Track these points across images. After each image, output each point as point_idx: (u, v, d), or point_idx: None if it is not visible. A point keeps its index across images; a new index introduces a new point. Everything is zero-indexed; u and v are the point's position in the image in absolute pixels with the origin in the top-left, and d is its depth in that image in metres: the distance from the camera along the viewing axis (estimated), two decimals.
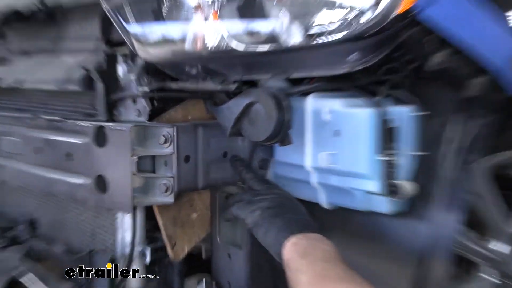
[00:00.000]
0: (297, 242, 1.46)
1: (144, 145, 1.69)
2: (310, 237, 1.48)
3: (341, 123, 1.60)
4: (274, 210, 1.57)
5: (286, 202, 1.62)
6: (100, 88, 1.78)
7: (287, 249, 1.46)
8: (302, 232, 1.49)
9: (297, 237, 1.47)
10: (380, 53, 1.43)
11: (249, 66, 1.63)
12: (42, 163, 1.99)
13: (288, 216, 1.55)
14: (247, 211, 1.61)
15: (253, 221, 1.58)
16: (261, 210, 1.58)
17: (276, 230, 1.51)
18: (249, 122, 1.62)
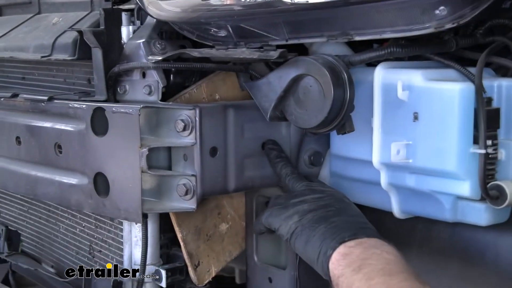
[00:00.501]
0: (349, 252, 1.45)
1: (156, 133, 1.69)
2: (365, 243, 1.47)
3: (422, 103, 1.58)
4: (316, 214, 1.57)
5: (333, 203, 1.62)
6: (97, 56, 1.78)
7: (335, 262, 1.45)
8: (354, 238, 1.48)
9: (348, 245, 1.47)
10: (480, 4, 1.40)
11: (297, 26, 1.61)
12: (23, 158, 2.01)
13: (335, 220, 1.55)
14: (281, 218, 1.61)
15: (289, 230, 1.58)
16: (299, 215, 1.59)
17: (320, 238, 1.51)
18: (296, 102, 1.61)
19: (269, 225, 1.66)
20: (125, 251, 1.91)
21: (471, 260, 1.72)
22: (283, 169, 1.76)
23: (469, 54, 1.68)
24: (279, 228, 1.62)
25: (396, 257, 1.43)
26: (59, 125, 1.88)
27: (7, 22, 2.29)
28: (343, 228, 1.52)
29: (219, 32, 1.71)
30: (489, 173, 1.55)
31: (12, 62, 2.23)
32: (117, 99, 1.82)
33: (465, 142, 1.54)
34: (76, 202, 1.86)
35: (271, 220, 1.65)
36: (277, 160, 1.77)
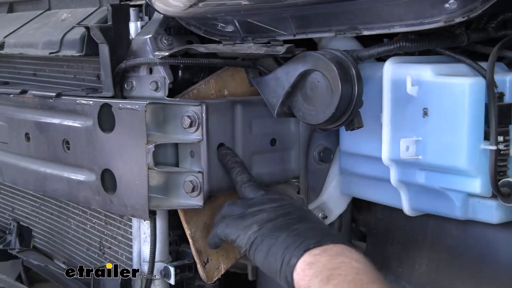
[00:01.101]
0: (314, 260, 1.38)
1: (163, 130, 1.68)
2: (331, 250, 1.40)
3: (431, 98, 1.56)
4: (276, 222, 1.51)
5: (293, 211, 1.56)
6: (104, 52, 1.77)
7: (300, 272, 1.38)
8: (319, 245, 1.41)
9: (313, 253, 1.39)
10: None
11: (305, 20, 1.60)
12: (32, 154, 2.01)
13: (297, 227, 1.48)
14: (239, 228, 1.55)
15: (248, 240, 1.51)
16: (258, 224, 1.52)
17: (282, 247, 1.44)
18: (303, 98, 1.59)
19: (226, 236, 1.59)
20: (134, 248, 1.90)
21: (483, 259, 1.70)
22: (238, 176, 1.68)
23: (481, 48, 1.65)
24: (236, 239, 1.55)
25: (365, 266, 1.36)
26: (67, 121, 1.87)
27: (17, 18, 2.29)
28: (307, 235, 1.45)
29: (226, 27, 1.70)
30: (501, 170, 1.53)
31: (23, 58, 2.23)
32: (124, 95, 1.81)
33: (476, 138, 1.52)
34: (84, 198, 1.85)
35: (228, 231, 1.58)
36: (232, 166, 1.69)
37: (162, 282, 1.87)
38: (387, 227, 1.90)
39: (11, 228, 2.36)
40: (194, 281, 1.90)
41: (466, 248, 1.73)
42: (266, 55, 1.60)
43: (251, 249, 1.52)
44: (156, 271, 1.85)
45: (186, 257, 1.89)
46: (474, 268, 1.71)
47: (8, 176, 2.17)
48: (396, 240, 1.87)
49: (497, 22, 1.61)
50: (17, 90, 2.03)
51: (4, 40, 2.16)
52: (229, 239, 1.59)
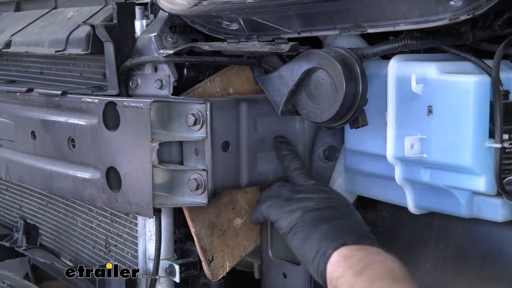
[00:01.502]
0: (351, 254, 1.40)
1: (167, 128, 1.68)
2: (368, 249, 1.42)
3: (436, 96, 1.55)
4: (320, 213, 1.53)
5: (339, 206, 1.58)
6: (109, 51, 1.76)
7: (334, 263, 1.39)
8: (357, 243, 1.43)
9: (351, 248, 1.41)
10: None
11: (309, 18, 1.59)
12: (38, 152, 2.01)
13: (339, 222, 1.50)
14: (283, 211, 1.57)
15: (289, 223, 1.53)
16: (302, 211, 1.54)
17: (321, 238, 1.46)
18: (308, 96, 1.58)
19: (269, 215, 1.61)
20: (140, 246, 1.90)
21: (488, 257, 1.69)
22: (292, 162, 1.72)
23: (486, 46, 1.64)
24: (278, 220, 1.57)
25: (400, 266, 1.38)
26: (72, 119, 1.87)
27: (24, 17, 2.29)
28: (347, 231, 1.48)
29: (231, 25, 1.70)
30: (506, 168, 1.52)
31: (30, 57, 2.23)
32: (129, 94, 1.81)
33: (481, 136, 1.51)
34: (89, 196, 1.85)
35: (272, 211, 1.60)
36: (286, 153, 1.74)
37: (167, 280, 1.87)
38: (392, 225, 1.89)
39: (18, 226, 2.36)
40: (199, 279, 1.89)
41: (472, 247, 1.72)
42: (270, 53, 1.59)
43: (290, 232, 1.54)
44: (161, 269, 1.85)
45: (191, 255, 1.88)
46: (479, 266, 1.70)
47: (15, 174, 2.17)
48: (401, 238, 1.86)
49: (503, 20, 1.60)
50: (23, 88, 2.03)
51: (11, 39, 2.16)
52: (271, 218, 1.61)
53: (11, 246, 2.34)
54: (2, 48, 2.17)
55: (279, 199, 1.61)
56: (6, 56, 2.35)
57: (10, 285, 2.09)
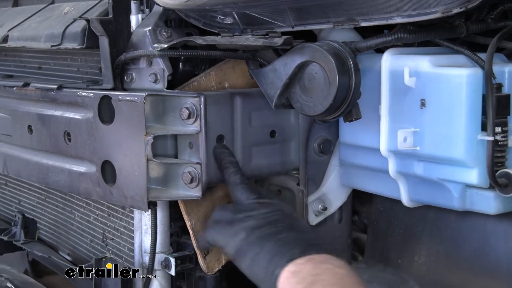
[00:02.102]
0: (298, 269, 1.37)
1: (162, 121, 1.68)
2: (315, 259, 1.39)
3: (429, 89, 1.55)
4: (263, 230, 1.49)
5: (281, 219, 1.54)
6: (104, 45, 1.76)
7: (284, 281, 1.37)
8: (304, 255, 1.40)
9: (297, 262, 1.39)
10: None
11: (303, 12, 1.59)
12: (34, 146, 2.01)
13: (283, 236, 1.47)
14: (227, 235, 1.54)
15: (234, 247, 1.51)
16: (245, 232, 1.51)
17: (267, 257, 1.43)
18: (301, 89, 1.58)
19: (215, 242, 1.59)
20: (136, 239, 1.89)
21: (482, 250, 1.69)
22: (232, 177, 1.66)
23: (480, 39, 1.64)
24: (225, 246, 1.54)
25: (349, 272, 1.36)
26: (68, 113, 1.87)
27: (22, 12, 2.29)
28: (292, 245, 1.44)
29: (225, 19, 1.69)
30: (498, 161, 1.53)
31: (29, 52, 2.23)
32: (124, 88, 1.80)
33: (473, 129, 1.51)
34: (85, 190, 1.85)
35: (217, 238, 1.58)
36: (226, 166, 1.68)
37: (163, 273, 1.86)
38: (387, 218, 1.89)
39: (16, 220, 2.37)
40: (194, 272, 1.89)
41: (465, 240, 1.72)
42: (264, 46, 1.59)
43: (237, 257, 1.51)
44: (157, 262, 1.85)
45: (187, 249, 1.88)
46: (473, 259, 1.70)
47: (12, 168, 2.17)
48: (396, 231, 1.86)
49: (497, 13, 1.60)
50: (20, 82, 2.02)
51: (8, 34, 2.16)
52: (218, 245, 1.59)
53: (9, 240, 2.34)
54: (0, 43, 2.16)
55: (222, 224, 1.58)
56: (5, 51, 2.35)
57: (8, 278, 2.09)
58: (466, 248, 1.72)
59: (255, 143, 1.76)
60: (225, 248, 1.55)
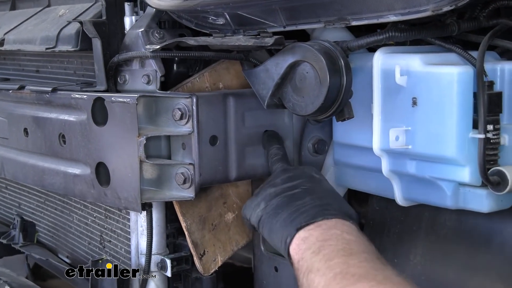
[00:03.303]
0: (308, 235, 1.41)
1: (155, 123, 1.68)
2: (324, 225, 1.42)
3: (420, 88, 1.54)
4: (280, 198, 1.52)
5: (300, 183, 1.56)
6: (97, 47, 1.77)
7: (295, 247, 1.41)
8: (313, 221, 1.43)
9: (307, 229, 1.42)
10: None
11: (294, 12, 1.59)
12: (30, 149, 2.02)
13: (298, 204, 1.49)
14: (251, 207, 1.57)
15: (257, 219, 1.54)
16: (265, 201, 1.54)
17: (282, 226, 1.47)
18: (293, 89, 1.58)
19: (245, 216, 1.61)
20: (132, 241, 1.90)
21: (477, 248, 1.68)
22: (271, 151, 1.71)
23: (472, 37, 1.63)
24: (250, 218, 1.57)
25: (357, 237, 1.39)
26: (63, 115, 1.88)
27: (19, 15, 2.30)
28: (304, 211, 1.47)
29: (217, 20, 1.69)
30: (490, 159, 1.51)
31: (26, 55, 2.24)
32: (118, 89, 1.81)
33: (465, 127, 1.50)
34: (79, 192, 1.86)
35: (245, 212, 1.60)
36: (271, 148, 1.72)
37: (159, 274, 1.87)
38: (383, 218, 1.88)
39: (15, 223, 2.37)
40: (191, 274, 1.90)
41: (460, 238, 1.71)
42: (255, 46, 1.59)
43: (259, 228, 1.55)
44: (153, 264, 1.85)
45: (183, 250, 1.88)
46: (468, 257, 1.69)
47: (9, 171, 2.17)
48: (391, 231, 1.86)
49: (489, 11, 1.59)
50: (16, 85, 2.03)
51: (4, 37, 2.17)
52: (247, 219, 1.60)
53: (8, 243, 2.35)
54: None
55: (250, 198, 1.61)
56: (2, 54, 2.36)
57: (6, 281, 2.10)
58: (461, 247, 1.71)
59: (249, 143, 1.76)
60: (250, 221, 1.58)
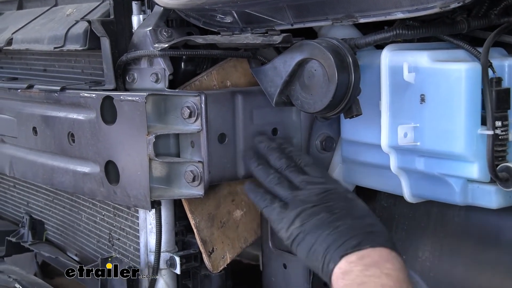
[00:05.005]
0: (349, 269, 1.36)
1: (164, 121, 1.69)
2: (367, 258, 1.37)
3: (428, 84, 1.54)
4: (319, 218, 1.45)
5: (337, 204, 1.49)
6: (105, 46, 1.77)
7: (335, 279, 1.36)
8: (357, 250, 1.37)
9: (349, 259, 1.36)
10: None
11: (302, 9, 1.59)
12: (39, 148, 2.02)
13: (339, 225, 1.43)
14: (282, 221, 1.50)
15: (291, 236, 1.47)
16: (300, 220, 1.47)
17: (323, 247, 1.41)
18: (301, 86, 1.58)
19: (269, 221, 1.55)
20: (141, 239, 1.90)
21: (486, 244, 1.69)
22: (277, 162, 1.62)
23: (480, 34, 1.63)
24: (279, 231, 1.51)
25: (396, 282, 1.33)
26: (71, 114, 1.88)
27: (26, 15, 2.30)
28: (347, 235, 1.41)
29: (225, 18, 1.69)
30: (499, 155, 1.52)
31: (34, 54, 2.25)
32: (126, 88, 1.81)
33: (473, 123, 1.50)
34: (89, 190, 1.86)
35: (271, 218, 1.53)
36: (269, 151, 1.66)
37: (168, 272, 1.88)
38: (391, 214, 1.89)
39: (24, 221, 2.38)
40: (200, 271, 1.90)
41: (469, 234, 1.72)
42: (263, 44, 1.59)
43: (293, 244, 1.48)
44: (163, 261, 1.86)
45: (192, 247, 1.89)
46: (476, 254, 1.70)
47: (18, 170, 2.18)
48: (400, 227, 1.86)
49: (500, 9, 1.59)
50: (24, 85, 2.04)
51: (12, 36, 2.17)
52: (271, 225, 1.55)
53: (17, 241, 2.36)
54: (4, 46, 2.18)
55: (276, 207, 1.53)
56: (10, 54, 2.37)
57: (16, 279, 2.11)
58: (469, 243, 1.72)
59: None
60: (279, 233, 1.51)
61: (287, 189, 1.54)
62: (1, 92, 2.18)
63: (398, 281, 1.34)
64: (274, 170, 1.60)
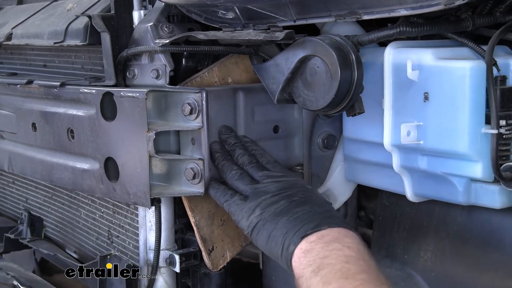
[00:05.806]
0: (310, 248, 1.39)
1: (164, 117, 1.68)
2: (327, 236, 1.41)
3: (432, 82, 1.54)
4: (278, 206, 1.51)
5: (296, 193, 1.55)
6: (106, 41, 1.76)
7: (297, 260, 1.40)
8: (316, 231, 1.42)
9: (309, 239, 1.41)
10: None
11: (304, 6, 1.58)
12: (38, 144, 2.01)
13: (297, 211, 1.48)
14: (242, 211, 1.55)
15: (250, 224, 1.53)
16: (260, 208, 1.52)
17: (282, 232, 1.45)
18: (303, 83, 1.57)
19: (230, 213, 1.60)
20: (141, 236, 1.89)
21: (488, 244, 1.68)
22: (240, 159, 1.66)
23: (484, 31, 1.62)
24: (239, 221, 1.56)
25: (357, 253, 1.37)
26: (71, 110, 1.87)
27: (26, 9, 2.29)
28: (306, 219, 1.46)
29: (227, 14, 1.68)
30: (503, 154, 1.51)
31: (34, 50, 2.24)
32: (126, 84, 1.80)
33: (477, 122, 1.50)
34: (88, 187, 1.85)
35: (232, 211, 1.58)
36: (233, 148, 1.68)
37: (167, 270, 1.87)
38: (393, 214, 1.88)
39: (23, 218, 2.37)
40: (199, 269, 1.89)
41: (471, 234, 1.71)
42: (265, 41, 1.59)
43: (253, 233, 1.54)
44: (162, 259, 1.85)
45: (191, 245, 1.88)
46: (479, 253, 1.69)
47: (17, 166, 2.17)
48: (402, 227, 1.85)
49: (506, 6, 1.58)
50: (24, 80, 2.03)
51: (12, 31, 2.16)
52: (232, 218, 1.60)
53: (15, 238, 2.35)
54: (4, 41, 2.17)
55: (236, 199, 1.59)
56: (10, 49, 2.36)
57: (14, 276, 2.10)
58: (471, 242, 1.71)
59: (259, 138, 1.75)
60: (239, 224, 1.57)
61: (248, 183, 1.59)
62: (1, 88, 2.16)
63: (359, 252, 1.38)
64: (237, 167, 1.65)
